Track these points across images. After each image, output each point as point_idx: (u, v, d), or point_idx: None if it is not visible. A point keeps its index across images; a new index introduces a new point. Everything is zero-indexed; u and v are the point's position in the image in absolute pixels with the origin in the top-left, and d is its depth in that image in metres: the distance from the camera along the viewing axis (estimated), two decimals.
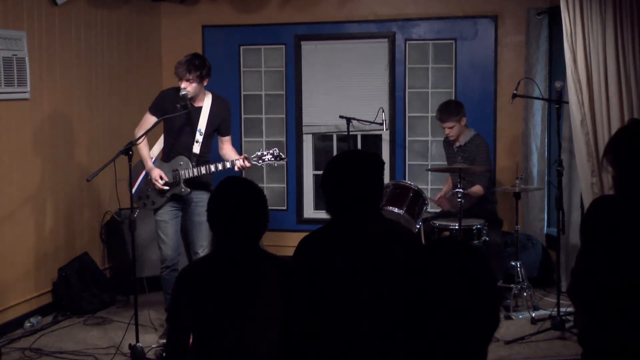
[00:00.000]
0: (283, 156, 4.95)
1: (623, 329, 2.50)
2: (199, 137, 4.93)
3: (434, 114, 6.33)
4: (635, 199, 2.57)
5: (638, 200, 2.56)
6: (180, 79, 4.80)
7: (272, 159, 4.92)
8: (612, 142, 2.69)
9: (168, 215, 4.97)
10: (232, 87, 7.06)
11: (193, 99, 4.89)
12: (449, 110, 5.68)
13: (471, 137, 5.73)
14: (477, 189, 5.58)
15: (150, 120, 4.94)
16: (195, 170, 4.89)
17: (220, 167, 4.90)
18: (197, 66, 4.79)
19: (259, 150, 4.97)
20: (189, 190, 4.91)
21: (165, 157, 5.02)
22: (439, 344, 1.45)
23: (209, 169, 4.90)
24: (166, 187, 4.91)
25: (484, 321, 1.47)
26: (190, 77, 4.78)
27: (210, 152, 5.09)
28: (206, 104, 4.94)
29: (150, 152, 5.05)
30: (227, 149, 5.10)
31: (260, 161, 4.92)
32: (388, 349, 2.48)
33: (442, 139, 6.14)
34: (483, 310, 1.47)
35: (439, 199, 5.88)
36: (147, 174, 4.98)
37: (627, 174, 2.58)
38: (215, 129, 5.03)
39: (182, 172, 4.90)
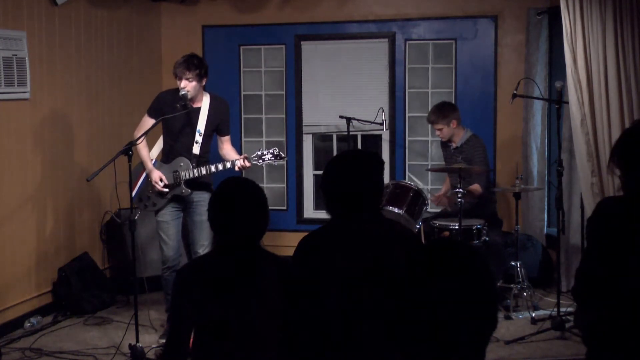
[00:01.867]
0: (283, 155, 4.95)
1: (628, 330, 2.50)
2: (198, 138, 4.93)
3: None
4: None
5: None
6: (180, 79, 4.80)
7: (273, 158, 4.92)
8: (618, 144, 2.68)
9: (169, 216, 4.98)
10: (232, 87, 7.06)
11: (192, 99, 4.89)
12: (438, 113, 5.69)
13: (467, 138, 5.74)
14: (475, 187, 5.58)
15: (148, 122, 4.94)
16: (195, 171, 4.89)
17: (220, 167, 4.90)
18: (195, 65, 4.80)
19: (259, 150, 4.97)
20: (189, 191, 4.91)
21: (165, 158, 5.02)
22: (437, 344, 1.45)
23: (209, 169, 4.90)
24: (166, 190, 4.91)
25: (482, 322, 1.47)
26: (190, 76, 4.79)
27: (210, 153, 5.09)
28: (204, 104, 4.94)
29: (149, 153, 5.05)
30: (226, 148, 5.11)
31: (260, 161, 4.92)
32: (388, 349, 2.48)
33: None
34: (481, 311, 1.47)
35: (437, 197, 5.90)
36: (147, 176, 4.98)
37: (634, 175, 2.58)
38: (215, 129, 5.03)
39: (182, 173, 4.90)
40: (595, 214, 2.66)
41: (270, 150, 4.94)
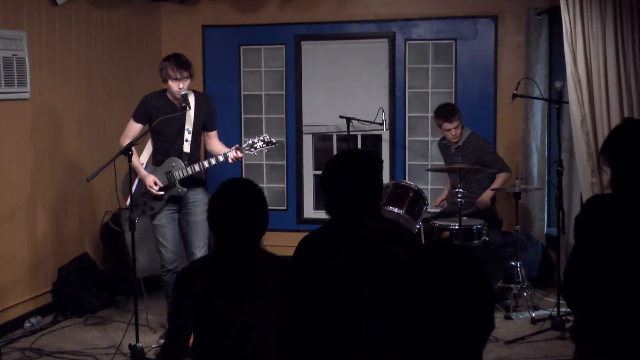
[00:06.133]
0: (274, 141, 4.92)
1: (616, 327, 2.50)
2: (188, 136, 4.91)
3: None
4: (631, 197, 2.57)
5: (634, 199, 2.56)
6: (178, 80, 4.75)
7: (264, 145, 4.89)
8: (607, 142, 2.70)
9: (166, 219, 4.94)
10: (232, 87, 7.06)
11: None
12: (451, 111, 5.71)
13: (467, 136, 5.77)
14: (504, 176, 5.64)
15: (135, 127, 4.92)
16: (189, 169, 4.87)
17: (213, 161, 4.86)
18: (188, 63, 4.82)
19: (249, 139, 4.94)
20: (185, 189, 4.89)
21: (156, 161, 4.98)
22: (435, 345, 1.46)
23: (203, 165, 4.88)
24: (161, 193, 4.88)
25: (479, 323, 1.47)
26: (187, 74, 4.79)
27: (200, 150, 5.08)
28: (191, 102, 4.91)
29: (139, 158, 5.00)
30: (214, 144, 5.07)
31: (252, 149, 4.89)
32: (387, 349, 2.48)
33: (441, 139, 6.15)
34: (478, 312, 1.47)
35: (441, 202, 5.98)
36: (140, 181, 4.94)
37: (623, 173, 2.59)
38: (203, 126, 5.01)
39: (176, 173, 4.87)
40: (583, 211, 2.67)
41: (261, 138, 4.91)
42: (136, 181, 4.96)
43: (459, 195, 5.19)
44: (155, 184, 4.84)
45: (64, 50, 5.74)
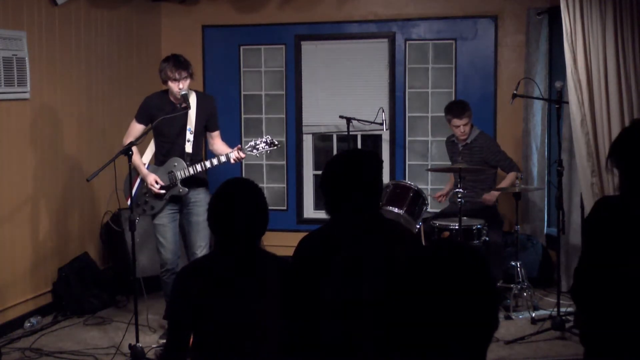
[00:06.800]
0: (276, 142, 4.94)
1: (625, 330, 2.50)
2: (189, 136, 4.91)
3: (434, 114, 6.34)
4: (639, 199, 2.57)
5: None
6: (177, 81, 4.76)
7: (266, 146, 4.91)
8: (616, 143, 2.69)
9: (167, 219, 4.95)
10: (232, 87, 7.06)
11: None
12: (463, 106, 5.73)
13: (477, 134, 5.78)
14: (513, 175, 5.65)
15: (137, 128, 4.92)
16: (190, 169, 4.87)
17: (215, 162, 4.87)
18: (187, 63, 4.82)
19: (251, 140, 4.95)
20: (186, 189, 4.90)
21: (159, 161, 4.99)
22: (438, 345, 1.45)
23: (205, 165, 4.88)
24: (163, 191, 4.88)
25: (483, 322, 1.47)
26: (186, 74, 4.79)
27: (202, 150, 5.08)
28: (192, 102, 4.93)
29: (141, 158, 5.01)
30: (217, 144, 5.08)
31: (254, 150, 4.90)
32: (388, 349, 2.48)
33: (444, 139, 6.15)
34: (482, 312, 1.47)
35: (439, 196, 5.99)
36: (142, 181, 4.95)
37: (632, 174, 2.58)
38: (205, 126, 5.02)
39: (177, 173, 4.88)
40: (592, 213, 2.66)
41: (263, 139, 4.92)
42: (137, 181, 4.97)
43: (459, 195, 5.19)
44: (157, 182, 4.86)
45: (64, 50, 5.74)
